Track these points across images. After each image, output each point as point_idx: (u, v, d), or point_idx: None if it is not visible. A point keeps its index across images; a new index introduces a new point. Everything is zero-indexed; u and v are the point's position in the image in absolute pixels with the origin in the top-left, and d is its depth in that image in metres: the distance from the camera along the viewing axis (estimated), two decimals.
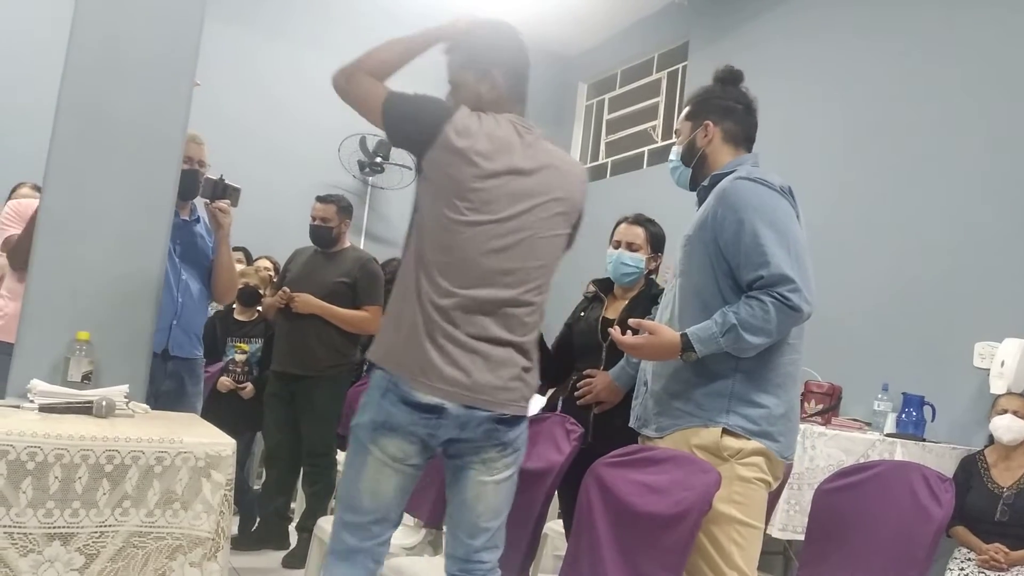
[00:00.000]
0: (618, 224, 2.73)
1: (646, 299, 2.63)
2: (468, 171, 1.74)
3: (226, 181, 2.68)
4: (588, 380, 2.56)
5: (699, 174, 2.05)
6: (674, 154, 2.11)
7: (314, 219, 3.71)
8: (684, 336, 1.83)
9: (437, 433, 1.73)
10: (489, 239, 1.75)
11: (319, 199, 3.75)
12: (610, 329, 1.99)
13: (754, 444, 1.84)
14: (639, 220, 2.70)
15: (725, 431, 1.84)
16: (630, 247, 2.65)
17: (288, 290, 3.60)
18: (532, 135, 1.84)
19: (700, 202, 2.06)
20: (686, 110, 2.10)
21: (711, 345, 1.81)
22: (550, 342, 2.83)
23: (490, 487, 1.81)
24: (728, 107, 2.04)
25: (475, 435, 1.75)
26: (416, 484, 1.83)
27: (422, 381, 1.70)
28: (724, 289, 1.88)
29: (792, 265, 1.80)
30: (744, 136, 2.05)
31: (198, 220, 2.75)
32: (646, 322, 1.90)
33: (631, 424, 2.10)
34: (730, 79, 2.07)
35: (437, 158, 1.75)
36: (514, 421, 1.80)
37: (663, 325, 1.91)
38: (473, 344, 1.73)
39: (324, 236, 3.70)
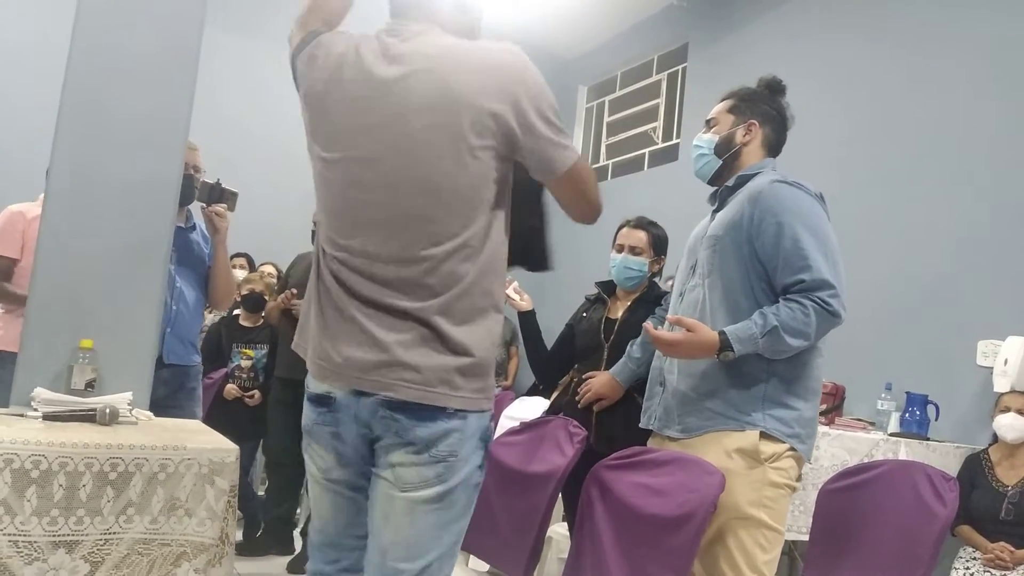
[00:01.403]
0: (620, 228, 2.73)
1: (648, 300, 2.63)
2: (311, 102, 1.48)
3: (223, 185, 2.66)
4: (588, 382, 2.55)
5: (726, 170, 2.05)
6: (704, 142, 2.07)
7: (317, 224, 3.71)
8: (723, 335, 1.81)
9: (340, 431, 1.44)
10: (346, 178, 1.44)
11: None
12: (644, 324, 1.96)
13: (787, 447, 1.84)
14: (641, 223, 2.70)
15: (762, 434, 1.83)
16: (633, 251, 2.65)
17: (296, 291, 3.59)
18: (401, 36, 1.43)
19: (719, 199, 2.05)
20: (728, 103, 2.08)
21: (749, 345, 1.80)
22: (549, 344, 2.83)
23: (400, 506, 1.39)
24: (772, 114, 2.07)
25: (376, 430, 1.41)
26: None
27: (312, 360, 1.46)
28: (757, 291, 1.88)
29: (831, 271, 1.82)
30: (777, 147, 2.09)
31: (194, 227, 2.74)
32: (686, 319, 1.86)
33: (644, 425, 2.08)
34: (778, 88, 2.11)
35: (300, 94, 1.51)
36: (423, 413, 1.37)
37: (701, 323, 1.87)
38: (357, 312, 1.41)
39: None
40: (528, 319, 2.78)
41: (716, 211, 2.05)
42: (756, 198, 1.89)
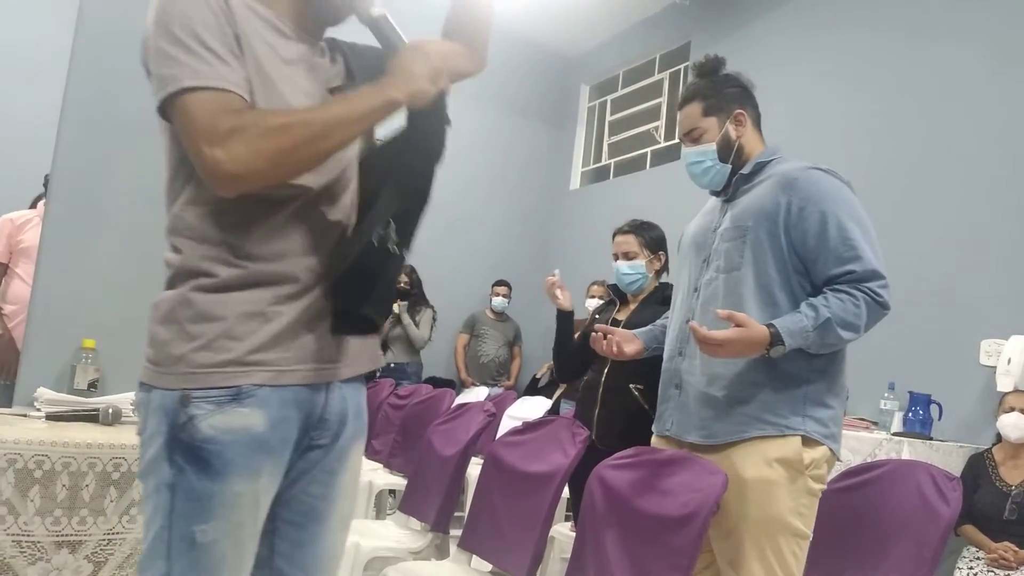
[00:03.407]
0: (614, 237, 2.76)
1: (655, 301, 2.63)
2: None
3: None
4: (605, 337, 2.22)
5: (735, 167, 1.91)
6: (702, 154, 1.92)
7: None
8: (772, 328, 1.67)
9: None
10: None
11: None
12: (691, 323, 1.76)
13: (824, 449, 1.76)
14: (631, 227, 2.72)
15: (803, 439, 1.73)
16: (626, 256, 2.68)
17: None
18: None
19: (732, 189, 1.92)
20: (698, 107, 1.92)
21: (799, 339, 1.67)
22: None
23: None
24: (740, 92, 1.94)
25: None
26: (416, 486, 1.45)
27: None
28: (794, 285, 1.76)
29: (879, 261, 1.73)
30: (759, 119, 1.97)
31: None
32: (738, 314, 1.69)
33: (659, 432, 1.97)
34: (722, 65, 1.96)
35: None
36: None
37: (751, 318, 1.70)
38: None
39: None
40: (565, 317, 2.80)
41: (727, 201, 1.93)
42: (791, 185, 1.77)
